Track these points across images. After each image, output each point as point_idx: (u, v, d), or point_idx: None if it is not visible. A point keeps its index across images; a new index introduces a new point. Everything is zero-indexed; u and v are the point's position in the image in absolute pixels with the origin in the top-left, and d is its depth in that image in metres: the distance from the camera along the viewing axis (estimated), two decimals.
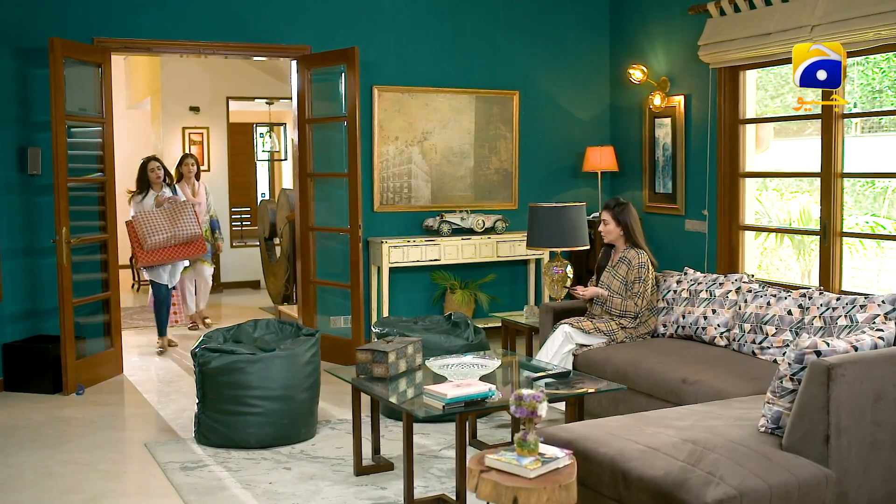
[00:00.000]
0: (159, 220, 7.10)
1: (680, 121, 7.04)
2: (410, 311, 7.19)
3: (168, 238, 7.07)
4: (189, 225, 7.20)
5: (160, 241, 7.04)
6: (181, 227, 7.14)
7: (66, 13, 6.27)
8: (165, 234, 7.06)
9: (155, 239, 7.03)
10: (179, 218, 7.16)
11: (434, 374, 4.22)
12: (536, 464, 2.91)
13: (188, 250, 7.28)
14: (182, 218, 7.18)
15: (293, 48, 6.90)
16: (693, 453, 3.10)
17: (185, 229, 7.16)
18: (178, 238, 7.14)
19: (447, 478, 4.32)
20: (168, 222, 7.11)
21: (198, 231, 7.23)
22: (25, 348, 6.09)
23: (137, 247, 7.18)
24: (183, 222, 7.17)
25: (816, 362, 3.16)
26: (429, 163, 7.39)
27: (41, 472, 4.49)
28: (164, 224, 7.09)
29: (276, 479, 4.35)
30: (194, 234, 7.23)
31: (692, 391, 4.34)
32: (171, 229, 7.08)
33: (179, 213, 7.19)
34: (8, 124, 6.15)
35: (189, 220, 7.20)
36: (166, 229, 7.07)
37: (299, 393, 4.88)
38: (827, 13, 5.55)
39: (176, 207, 7.21)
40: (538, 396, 2.92)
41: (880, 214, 7.98)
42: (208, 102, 10.94)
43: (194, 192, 8.15)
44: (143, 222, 7.03)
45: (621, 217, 5.33)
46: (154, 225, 7.06)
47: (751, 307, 4.75)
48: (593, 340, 5.16)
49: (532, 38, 7.66)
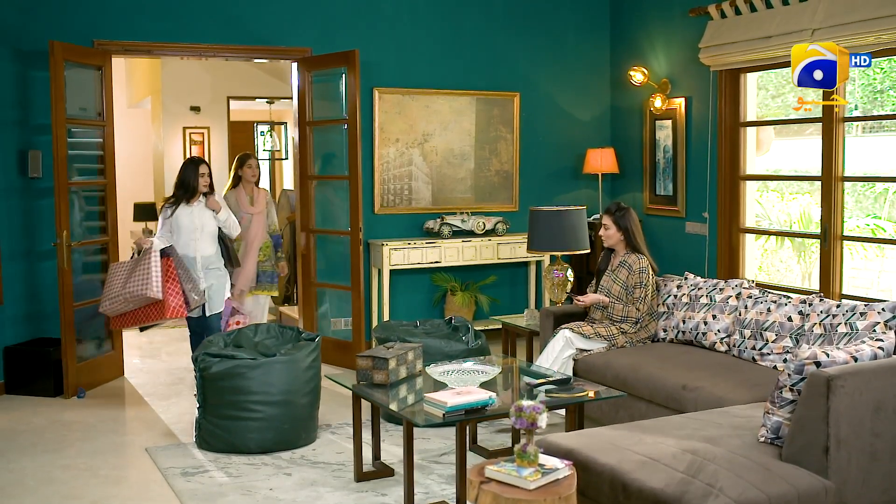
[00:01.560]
0: (119, 275, 5.52)
1: (681, 123, 7.03)
2: (411, 313, 7.20)
3: (117, 302, 5.42)
4: (139, 283, 5.33)
5: (110, 307, 5.47)
6: (131, 286, 5.34)
7: (67, 16, 6.27)
8: (117, 291, 5.43)
9: (106, 305, 5.49)
10: (135, 273, 5.40)
11: (434, 380, 4.23)
12: (536, 475, 2.91)
13: (149, 314, 5.48)
14: (136, 273, 5.39)
15: (294, 50, 6.90)
16: (693, 464, 3.11)
17: (134, 289, 5.33)
18: (130, 300, 5.37)
19: (447, 484, 4.32)
20: (123, 280, 5.45)
21: (152, 293, 5.30)
22: (26, 351, 6.10)
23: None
24: (134, 280, 5.36)
25: (816, 373, 3.16)
26: (429, 165, 7.39)
27: (42, 478, 4.50)
28: (118, 282, 5.47)
29: (277, 484, 4.36)
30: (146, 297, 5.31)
31: (692, 398, 4.34)
32: (123, 286, 5.40)
33: (136, 267, 5.43)
34: (8, 127, 6.15)
35: (142, 276, 5.35)
36: (119, 286, 5.43)
37: (300, 398, 4.89)
38: (828, 17, 5.55)
39: (139, 260, 5.45)
40: (538, 408, 2.92)
41: (881, 216, 7.96)
42: (209, 102, 10.94)
43: (253, 200, 6.76)
44: (109, 276, 5.62)
45: (622, 222, 5.33)
46: (111, 282, 5.53)
47: (751, 313, 4.75)
48: (594, 345, 5.16)
49: (532, 40, 7.66)
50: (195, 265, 5.71)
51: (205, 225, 5.76)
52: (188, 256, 5.69)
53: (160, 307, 5.38)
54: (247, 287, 6.68)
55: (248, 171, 6.78)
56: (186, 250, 5.69)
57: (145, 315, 5.43)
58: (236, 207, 6.55)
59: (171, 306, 5.40)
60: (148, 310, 5.43)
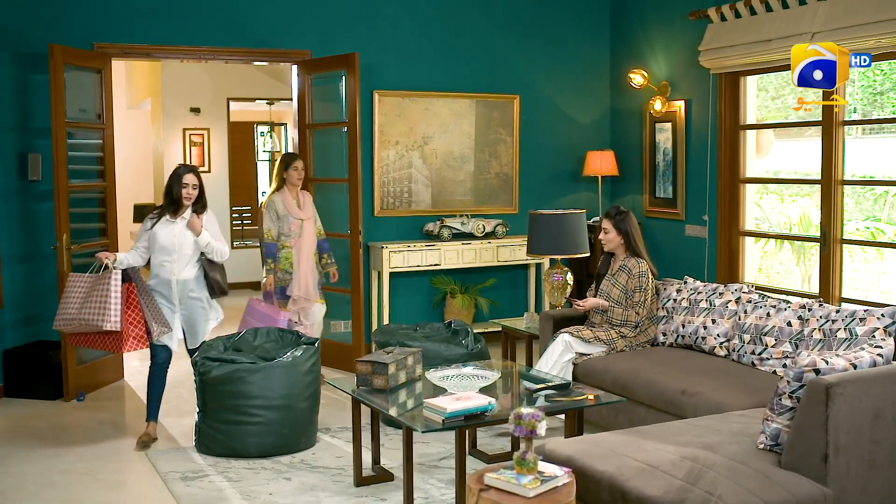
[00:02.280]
0: (76, 293, 4.89)
1: (680, 126, 7.03)
2: (411, 316, 7.20)
3: (72, 322, 4.84)
4: (95, 310, 4.73)
5: (64, 326, 4.91)
6: (86, 312, 4.75)
7: (66, 19, 6.27)
8: (72, 314, 4.83)
9: (61, 323, 4.90)
10: (92, 295, 4.79)
11: (434, 385, 4.23)
12: (536, 483, 2.92)
13: (105, 342, 4.90)
14: (94, 296, 4.78)
15: (294, 53, 6.90)
16: (692, 471, 3.11)
17: (89, 316, 4.74)
18: (85, 323, 4.78)
19: (447, 488, 4.32)
20: (80, 300, 4.84)
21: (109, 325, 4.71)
22: (26, 354, 6.10)
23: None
24: (92, 303, 4.76)
25: (815, 381, 3.16)
26: (429, 167, 7.39)
27: (42, 483, 4.50)
28: (77, 297, 4.87)
29: (276, 489, 4.37)
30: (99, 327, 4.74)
31: (692, 403, 4.34)
32: (79, 310, 4.80)
33: (94, 290, 4.81)
34: (8, 130, 6.15)
35: (99, 303, 4.73)
36: (75, 307, 4.83)
37: (299, 402, 4.89)
38: (828, 20, 5.55)
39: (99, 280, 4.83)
40: (537, 416, 2.92)
41: (881, 219, 7.97)
42: (209, 103, 10.94)
43: (299, 204, 6.26)
44: (66, 289, 4.96)
45: (622, 225, 5.32)
46: (67, 299, 4.90)
47: (750, 318, 4.76)
48: (593, 349, 5.16)
49: (532, 42, 7.66)
50: (170, 290, 5.06)
51: (183, 245, 5.03)
52: (161, 279, 5.06)
53: (117, 339, 4.82)
54: (304, 297, 6.20)
55: (294, 174, 6.24)
56: (160, 271, 5.05)
57: (102, 342, 4.89)
58: (284, 212, 6.18)
59: (129, 339, 4.83)
60: (104, 338, 4.87)
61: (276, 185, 6.30)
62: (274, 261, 6.18)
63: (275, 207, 6.18)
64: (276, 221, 6.19)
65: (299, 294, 6.18)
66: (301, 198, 6.31)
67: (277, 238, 6.20)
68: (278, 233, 6.20)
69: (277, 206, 6.18)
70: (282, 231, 6.21)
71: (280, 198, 6.22)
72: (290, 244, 6.20)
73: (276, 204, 6.19)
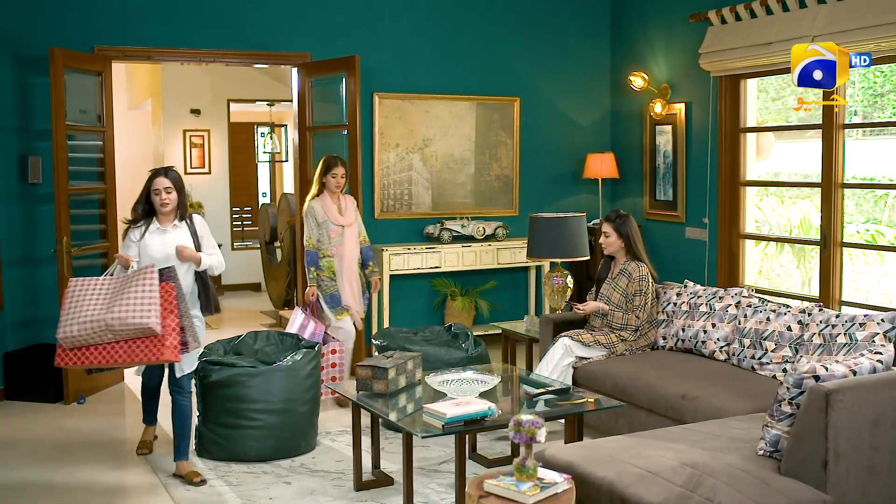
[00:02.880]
0: (93, 296, 4.21)
1: (681, 128, 7.03)
2: (411, 318, 7.20)
3: (92, 328, 4.10)
4: (133, 309, 4.09)
5: (79, 334, 4.11)
6: (120, 312, 4.09)
7: (67, 22, 6.27)
8: (89, 322, 4.11)
9: (70, 329, 4.12)
10: (123, 295, 4.15)
11: (434, 389, 4.23)
12: (535, 489, 2.92)
13: (135, 352, 4.17)
14: (127, 295, 4.14)
15: (294, 55, 6.90)
16: (692, 478, 3.11)
17: (125, 315, 4.08)
18: (111, 330, 4.09)
19: (447, 493, 4.33)
20: (105, 301, 4.18)
21: (152, 323, 4.10)
22: (26, 357, 6.10)
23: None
24: (124, 304, 4.10)
25: (815, 388, 3.16)
26: (429, 170, 7.39)
27: (42, 487, 4.51)
28: (96, 303, 4.17)
29: (277, 494, 4.37)
30: (142, 328, 4.11)
31: (692, 408, 4.34)
32: (102, 315, 4.11)
33: (128, 287, 4.19)
34: (8, 133, 6.15)
35: (137, 301, 4.11)
36: (96, 309, 4.14)
37: (299, 406, 4.89)
38: (828, 23, 5.55)
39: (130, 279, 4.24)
40: (537, 422, 2.92)
41: (881, 221, 7.97)
42: (209, 105, 10.95)
43: (341, 210, 5.93)
44: (69, 297, 4.23)
45: (623, 229, 5.32)
46: (79, 303, 4.18)
47: (750, 322, 4.76)
48: (593, 353, 5.16)
49: (532, 45, 7.66)
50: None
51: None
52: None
53: (155, 345, 4.16)
54: (355, 308, 5.96)
55: (332, 182, 5.86)
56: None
57: (126, 353, 4.16)
58: (323, 218, 5.85)
59: (168, 346, 4.17)
60: (132, 347, 4.15)
61: (316, 190, 5.93)
62: (317, 269, 5.88)
63: (314, 214, 5.87)
64: (316, 228, 5.87)
65: (349, 304, 5.92)
66: (343, 202, 5.97)
67: (318, 245, 5.90)
68: (318, 239, 5.90)
69: (317, 213, 5.87)
70: (321, 238, 5.89)
71: (320, 203, 5.88)
72: (331, 252, 5.89)
73: (315, 210, 5.88)
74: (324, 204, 5.88)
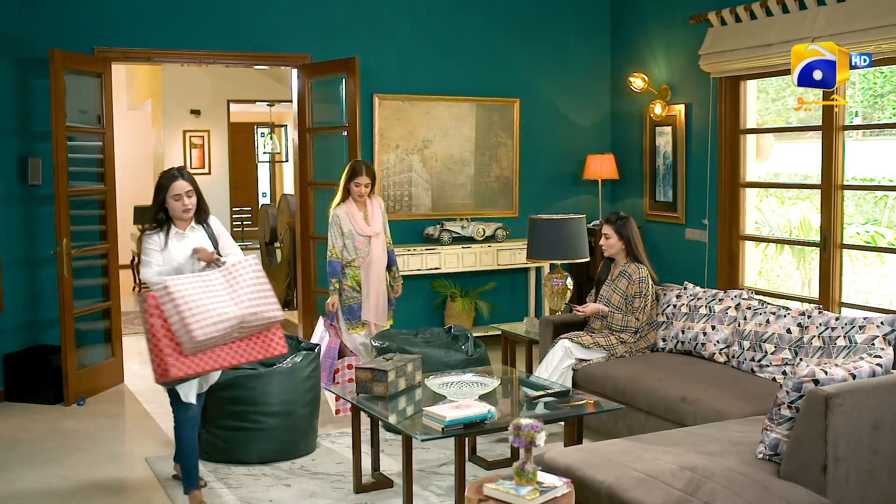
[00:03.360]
0: (212, 292, 3.83)
1: (680, 129, 7.03)
2: (411, 320, 7.19)
3: (230, 326, 3.79)
4: (257, 301, 3.87)
5: (217, 334, 3.76)
6: (250, 305, 3.85)
7: (67, 23, 6.27)
8: (227, 319, 3.79)
9: (206, 331, 3.72)
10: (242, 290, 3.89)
11: (434, 392, 4.23)
12: (535, 493, 2.92)
13: (249, 350, 3.94)
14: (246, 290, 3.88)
15: (294, 57, 6.90)
16: (691, 482, 3.11)
17: (257, 308, 3.86)
18: (239, 327, 3.83)
19: (446, 496, 4.33)
20: (226, 298, 3.84)
21: (279, 312, 3.97)
22: (26, 359, 6.11)
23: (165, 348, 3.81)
24: (249, 297, 3.86)
25: (814, 391, 3.16)
26: (429, 171, 7.39)
27: (42, 489, 4.51)
28: (221, 300, 3.82)
29: (277, 496, 4.37)
30: (271, 320, 3.93)
31: (691, 410, 4.34)
32: (236, 310, 3.82)
33: (241, 281, 3.92)
34: (8, 134, 6.15)
35: (255, 293, 3.88)
36: (227, 311, 3.80)
37: (299, 408, 4.89)
38: (828, 25, 5.55)
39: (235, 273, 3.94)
40: (536, 427, 2.93)
41: (881, 222, 7.98)
42: (209, 105, 10.96)
43: (367, 218, 5.57)
44: (183, 299, 3.74)
45: (623, 231, 5.32)
46: (204, 303, 3.77)
47: (750, 324, 4.75)
48: (593, 355, 5.16)
49: (532, 46, 7.66)
50: None
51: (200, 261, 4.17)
52: None
53: (265, 340, 3.96)
54: (373, 322, 5.65)
55: (356, 189, 5.49)
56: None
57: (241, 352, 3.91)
58: (349, 228, 5.53)
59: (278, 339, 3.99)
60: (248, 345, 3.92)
61: (341, 197, 5.57)
62: (339, 280, 5.58)
63: (339, 223, 5.53)
64: (341, 238, 5.54)
65: (368, 318, 5.62)
66: (370, 209, 5.58)
67: (341, 256, 5.58)
68: (342, 249, 5.58)
69: (342, 222, 5.52)
70: (347, 248, 5.58)
71: (344, 211, 5.53)
72: (358, 264, 5.56)
73: (340, 219, 5.53)
74: (349, 211, 5.54)
